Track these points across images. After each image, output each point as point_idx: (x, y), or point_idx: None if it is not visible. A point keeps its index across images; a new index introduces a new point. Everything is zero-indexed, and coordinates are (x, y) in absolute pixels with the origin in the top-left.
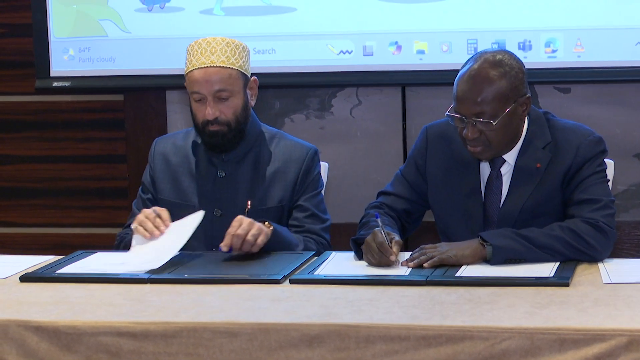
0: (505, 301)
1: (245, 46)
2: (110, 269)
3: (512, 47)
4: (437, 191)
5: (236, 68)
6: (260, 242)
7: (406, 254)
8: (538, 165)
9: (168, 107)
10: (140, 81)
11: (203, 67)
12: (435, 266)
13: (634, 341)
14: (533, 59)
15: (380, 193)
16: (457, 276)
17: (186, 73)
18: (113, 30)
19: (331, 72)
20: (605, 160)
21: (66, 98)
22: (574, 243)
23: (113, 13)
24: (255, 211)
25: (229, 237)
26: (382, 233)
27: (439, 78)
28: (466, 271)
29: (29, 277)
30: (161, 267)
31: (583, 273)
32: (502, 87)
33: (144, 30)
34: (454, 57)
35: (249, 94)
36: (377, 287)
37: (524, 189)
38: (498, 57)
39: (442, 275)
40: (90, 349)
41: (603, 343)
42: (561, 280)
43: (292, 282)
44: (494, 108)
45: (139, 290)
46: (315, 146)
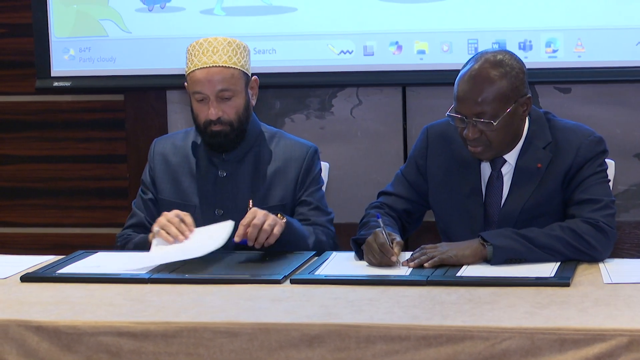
0: (505, 301)
1: (245, 45)
2: (133, 266)
3: (513, 47)
4: (438, 191)
5: (238, 68)
6: (276, 233)
7: (407, 254)
8: (539, 165)
9: (168, 107)
10: (140, 81)
11: (205, 67)
12: (435, 266)
13: (635, 341)
14: (533, 59)
15: (380, 193)
16: (458, 276)
17: (187, 73)
18: (113, 30)
19: (331, 72)
20: (605, 160)
21: (66, 98)
22: (575, 243)
23: (113, 13)
24: None
25: (243, 228)
26: (384, 233)
27: (440, 78)
28: (467, 271)
29: (30, 277)
30: (161, 267)
31: (583, 273)
32: (503, 87)
33: (145, 30)
34: (455, 57)
35: (250, 94)
36: (378, 287)
37: (525, 189)
38: (499, 57)
39: (443, 275)
40: (90, 349)
41: (603, 343)
42: (562, 280)
43: (293, 282)
44: (495, 108)
45: (139, 290)
46: (315, 144)
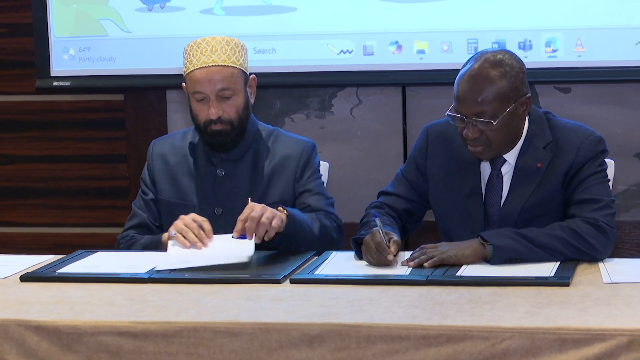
0: (505, 301)
1: (243, 44)
2: (160, 265)
3: (513, 47)
4: (438, 191)
5: (237, 66)
6: (275, 225)
7: (407, 254)
8: (539, 165)
9: (168, 107)
10: (140, 81)
11: (205, 67)
12: (435, 266)
13: (635, 341)
14: (533, 59)
15: (380, 193)
16: (458, 276)
17: (186, 74)
18: (113, 29)
19: (331, 72)
20: (605, 160)
21: (66, 98)
22: (575, 243)
23: (113, 13)
24: None
25: (241, 223)
26: (380, 232)
27: (440, 78)
28: (466, 271)
29: (30, 277)
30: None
31: (583, 273)
32: (503, 87)
33: (145, 29)
34: (455, 57)
35: (249, 92)
36: (378, 287)
37: (525, 189)
38: (498, 57)
39: (443, 275)
40: (90, 349)
41: (603, 343)
42: (561, 280)
43: (293, 282)
44: (495, 108)
45: (140, 290)
46: (312, 140)
